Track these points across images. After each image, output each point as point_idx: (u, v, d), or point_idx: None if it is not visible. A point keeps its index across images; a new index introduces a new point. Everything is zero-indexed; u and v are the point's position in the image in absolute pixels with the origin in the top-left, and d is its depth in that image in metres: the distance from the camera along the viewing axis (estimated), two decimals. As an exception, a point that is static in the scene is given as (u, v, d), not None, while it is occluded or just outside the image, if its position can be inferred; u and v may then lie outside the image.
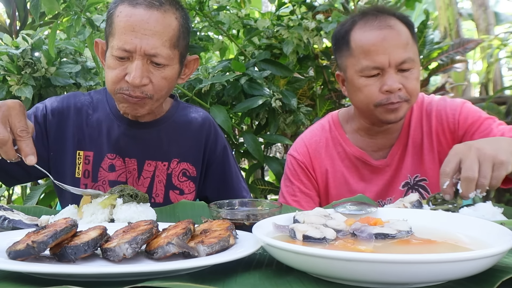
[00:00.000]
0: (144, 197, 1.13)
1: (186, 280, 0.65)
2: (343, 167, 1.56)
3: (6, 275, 0.70)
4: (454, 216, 0.88)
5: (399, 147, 1.53)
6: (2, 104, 1.09)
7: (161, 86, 1.33)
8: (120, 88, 1.31)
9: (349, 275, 0.61)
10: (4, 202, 3.14)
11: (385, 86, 1.37)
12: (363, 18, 1.45)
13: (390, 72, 1.37)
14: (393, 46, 1.37)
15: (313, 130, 1.65)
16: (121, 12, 1.29)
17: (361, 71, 1.40)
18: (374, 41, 1.38)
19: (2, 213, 1.00)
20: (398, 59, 1.37)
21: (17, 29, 3.06)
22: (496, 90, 4.80)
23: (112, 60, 1.30)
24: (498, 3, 7.85)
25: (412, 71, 1.40)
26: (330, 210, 0.95)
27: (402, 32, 1.40)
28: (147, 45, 1.26)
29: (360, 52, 1.40)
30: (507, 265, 0.68)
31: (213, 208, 1.04)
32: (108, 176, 1.44)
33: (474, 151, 1.05)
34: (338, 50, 1.50)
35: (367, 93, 1.41)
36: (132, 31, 1.26)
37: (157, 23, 1.28)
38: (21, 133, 1.08)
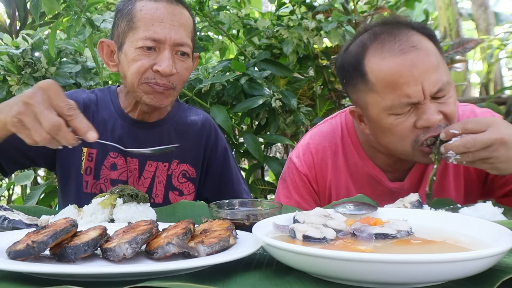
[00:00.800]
0: (144, 197, 1.13)
1: (186, 280, 0.65)
2: (350, 183, 1.36)
3: (6, 275, 0.70)
4: (453, 216, 0.88)
5: (419, 171, 1.32)
6: (36, 89, 0.98)
7: (184, 77, 1.38)
8: (145, 78, 1.33)
9: (349, 275, 0.61)
10: (4, 202, 3.14)
11: (422, 120, 1.13)
12: (376, 40, 1.17)
13: (426, 103, 1.12)
14: (425, 72, 1.10)
15: (322, 133, 1.42)
16: (144, 6, 1.33)
17: (389, 108, 1.14)
18: (401, 71, 1.11)
19: (2, 213, 1.00)
20: (433, 88, 1.11)
21: (17, 29, 3.07)
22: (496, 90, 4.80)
23: (136, 52, 1.32)
24: (498, 3, 7.86)
25: (449, 94, 1.15)
26: (330, 210, 0.95)
27: (430, 51, 1.14)
28: (176, 35, 1.32)
29: (384, 86, 1.13)
30: (507, 265, 0.68)
31: (213, 208, 1.04)
32: (110, 175, 1.45)
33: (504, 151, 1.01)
34: (351, 83, 1.23)
35: (400, 134, 1.16)
36: (161, 22, 1.31)
37: (181, 15, 1.36)
38: (69, 112, 0.97)
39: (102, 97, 1.51)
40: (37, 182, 3.02)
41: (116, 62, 1.40)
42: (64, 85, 2.25)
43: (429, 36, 1.18)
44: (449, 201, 1.25)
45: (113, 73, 2.36)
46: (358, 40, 1.23)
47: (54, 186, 2.51)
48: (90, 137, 0.97)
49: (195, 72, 2.24)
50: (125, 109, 1.48)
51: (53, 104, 0.97)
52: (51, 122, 0.95)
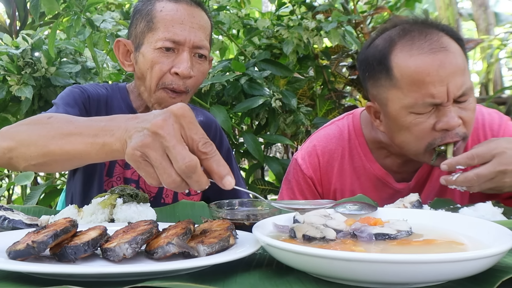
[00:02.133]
0: (144, 197, 1.13)
1: (186, 280, 0.65)
2: (356, 186, 1.35)
3: (6, 275, 0.70)
4: (453, 216, 0.88)
5: (425, 171, 1.32)
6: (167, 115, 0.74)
7: (199, 80, 1.38)
8: (163, 83, 1.32)
9: (349, 275, 0.61)
10: (4, 202, 3.14)
11: (441, 123, 1.12)
12: (405, 36, 1.16)
13: (448, 106, 1.11)
14: (451, 74, 1.10)
15: (329, 135, 1.40)
16: (164, 7, 1.33)
17: (411, 107, 1.13)
18: (429, 70, 1.10)
19: (2, 213, 1.00)
20: (457, 92, 1.11)
21: (17, 29, 3.07)
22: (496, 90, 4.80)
23: (155, 54, 1.31)
24: (498, 3, 7.86)
25: (470, 100, 1.15)
26: (330, 210, 0.95)
27: (459, 54, 1.13)
28: (195, 37, 1.32)
29: (410, 83, 1.12)
30: (507, 265, 0.68)
31: (213, 208, 1.04)
32: (124, 173, 1.44)
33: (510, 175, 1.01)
34: (373, 77, 1.22)
35: (418, 133, 1.15)
36: (181, 24, 1.31)
37: (201, 18, 1.36)
38: (204, 149, 0.75)
39: (112, 94, 1.49)
40: (37, 182, 3.02)
41: (132, 62, 1.40)
42: (64, 85, 2.25)
43: (457, 40, 1.17)
44: (449, 201, 1.25)
45: (113, 73, 2.36)
46: (386, 35, 1.21)
47: (54, 186, 2.51)
48: (228, 184, 0.76)
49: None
50: (137, 109, 1.46)
51: (185, 136, 0.74)
52: (185, 162, 0.71)
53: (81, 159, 0.86)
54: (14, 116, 2.28)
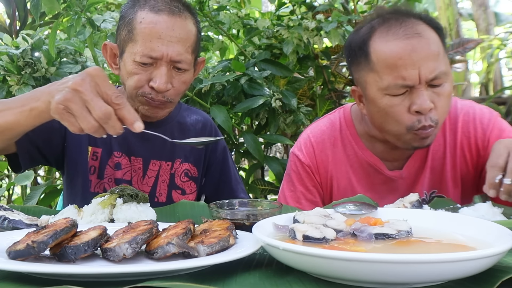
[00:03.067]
0: (144, 197, 1.13)
1: (186, 280, 0.65)
2: (351, 173, 1.41)
3: (6, 275, 0.70)
4: (454, 216, 0.88)
5: (417, 160, 1.37)
6: (85, 76, 0.95)
7: (180, 90, 1.37)
8: (142, 92, 1.33)
9: (349, 275, 0.61)
10: (4, 202, 3.14)
11: (415, 105, 1.18)
12: (384, 24, 1.23)
13: (420, 88, 1.17)
14: (423, 58, 1.16)
15: (321, 126, 1.48)
16: (144, 19, 1.30)
17: (386, 88, 1.20)
18: (401, 54, 1.17)
19: (2, 213, 1.00)
20: (429, 74, 1.17)
21: (17, 29, 3.07)
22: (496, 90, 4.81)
23: (133, 66, 1.31)
24: (498, 3, 7.86)
25: (444, 85, 1.20)
26: (330, 210, 0.95)
27: (433, 40, 1.19)
28: (173, 52, 1.28)
29: (384, 66, 1.20)
30: (507, 265, 0.68)
31: (213, 208, 1.04)
32: (115, 174, 1.45)
33: None
34: (355, 62, 1.30)
35: (394, 115, 1.22)
36: (159, 38, 1.28)
37: (181, 29, 1.31)
38: (117, 100, 0.94)
39: None
40: (37, 182, 3.02)
41: (118, 66, 1.41)
42: (64, 85, 2.25)
43: (435, 28, 1.23)
44: (449, 201, 1.25)
45: (113, 73, 2.35)
46: (368, 23, 1.29)
47: (54, 186, 2.51)
48: (137, 127, 0.96)
49: (195, 72, 2.24)
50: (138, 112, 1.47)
51: (101, 92, 0.94)
52: (102, 110, 0.92)
53: (12, 129, 1.06)
54: (14, 116, 2.28)
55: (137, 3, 1.34)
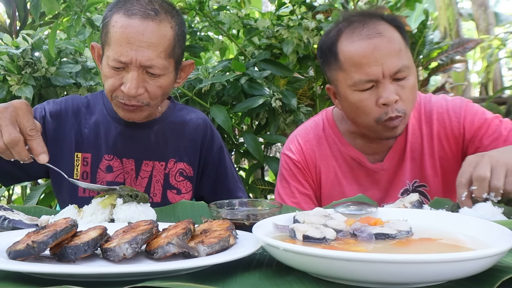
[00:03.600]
0: (144, 197, 1.13)
1: (186, 280, 0.65)
2: (337, 168, 1.50)
3: (6, 275, 0.70)
4: (454, 216, 0.88)
5: (396, 152, 1.46)
6: (9, 105, 1.10)
7: (156, 94, 1.34)
8: (116, 96, 1.33)
9: (349, 275, 0.61)
10: (4, 202, 3.14)
11: (381, 99, 1.28)
12: (349, 26, 1.34)
13: (385, 83, 1.28)
14: (385, 55, 1.27)
15: (306, 127, 1.58)
16: (117, 22, 1.28)
17: (354, 85, 1.31)
18: (364, 52, 1.28)
19: (2, 213, 1.00)
20: (392, 69, 1.27)
21: (17, 29, 3.07)
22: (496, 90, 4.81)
23: (108, 69, 1.31)
24: (498, 3, 7.86)
25: (408, 78, 1.31)
26: (330, 210, 0.95)
27: (394, 38, 1.31)
28: (142, 57, 1.26)
29: (351, 65, 1.31)
30: (507, 265, 0.68)
31: (213, 208, 1.04)
32: (106, 177, 1.45)
33: (486, 158, 1.04)
34: (326, 63, 1.41)
35: (364, 109, 1.32)
36: (128, 43, 1.26)
37: (153, 34, 1.28)
38: (30, 132, 1.08)
39: (95, 101, 1.52)
40: (37, 182, 3.02)
41: None
42: (64, 85, 2.25)
43: (397, 27, 1.34)
44: (448, 201, 1.25)
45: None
46: (335, 25, 1.41)
47: (54, 186, 2.51)
48: (42, 159, 1.09)
49: (195, 72, 2.24)
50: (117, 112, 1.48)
51: (18, 122, 1.09)
52: (11, 136, 1.06)
53: None
54: (14, 116, 2.28)
55: (116, 6, 1.33)
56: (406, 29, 1.39)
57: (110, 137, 1.47)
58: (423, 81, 2.73)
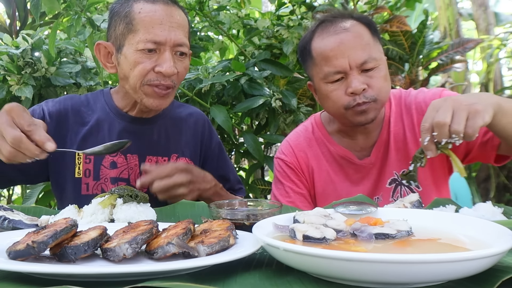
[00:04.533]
0: (144, 197, 1.14)
1: (186, 280, 0.65)
2: (328, 167, 1.56)
3: (6, 275, 0.70)
4: (454, 216, 0.88)
5: (381, 145, 1.52)
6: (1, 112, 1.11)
7: (183, 75, 1.43)
8: (148, 80, 1.36)
9: (349, 275, 0.61)
10: (4, 202, 3.14)
11: (349, 88, 1.36)
12: (321, 26, 1.45)
13: (353, 74, 1.37)
14: (351, 48, 1.36)
15: (296, 132, 1.65)
16: (142, 9, 1.35)
17: (324, 77, 1.40)
18: (331, 47, 1.38)
19: (2, 213, 1.00)
20: (358, 60, 1.36)
21: (17, 29, 3.07)
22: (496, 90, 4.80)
23: (137, 55, 1.34)
24: (498, 3, 7.85)
25: (377, 69, 1.38)
26: (330, 210, 0.95)
27: (360, 33, 1.40)
28: (175, 36, 1.35)
29: (321, 59, 1.41)
30: (507, 265, 0.68)
31: (213, 208, 1.04)
32: (110, 173, 1.46)
33: (449, 101, 1.06)
34: (304, 61, 1.51)
35: (334, 98, 1.41)
36: (161, 24, 1.34)
37: (179, 16, 1.39)
38: (28, 127, 1.09)
39: (95, 100, 1.53)
40: (37, 182, 3.01)
41: (114, 64, 1.42)
42: (64, 85, 2.25)
43: (365, 23, 1.43)
44: (448, 201, 1.25)
45: (113, 73, 2.35)
46: (310, 27, 1.52)
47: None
48: (48, 147, 1.09)
49: (195, 72, 2.24)
50: (122, 109, 1.50)
51: (16, 123, 1.09)
52: (12, 135, 1.07)
53: None
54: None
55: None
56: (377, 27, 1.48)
57: (114, 133, 1.48)
58: (423, 81, 2.73)
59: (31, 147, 1.08)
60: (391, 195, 1.50)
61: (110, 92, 1.54)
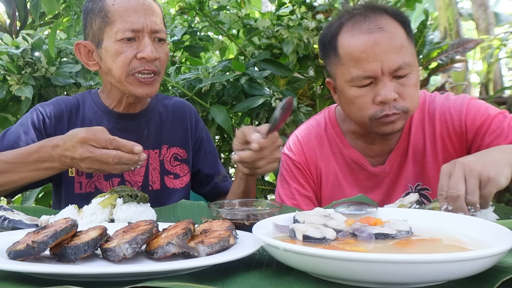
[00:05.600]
0: (144, 197, 1.14)
1: (186, 280, 0.65)
2: (337, 169, 1.46)
3: (6, 275, 0.70)
4: (454, 216, 0.88)
5: (398, 154, 1.41)
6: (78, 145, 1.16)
7: (165, 61, 1.44)
8: (132, 68, 1.37)
9: (349, 275, 0.61)
10: (4, 202, 3.14)
11: (379, 96, 1.24)
12: (350, 19, 1.30)
13: (384, 80, 1.24)
14: (385, 51, 1.23)
15: (308, 127, 1.54)
16: (115, 1, 1.38)
17: (351, 80, 1.28)
18: (363, 47, 1.24)
19: (2, 213, 1.00)
20: (392, 66, 1.23)
21: (17, 29, 3.07)
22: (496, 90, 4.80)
23: (117, 45, 1.36)
24: (498, 3, 7.85)
25: (409, 76, 1.26)
26: (330, 210, 0.95)
27: (396, 34, 1.26)
28: (151, 21, 1.37)
29: (349, 59, 1.27)
30: (507, 265, 0.68)
31: (213, 208, 1.04)
32: None
33: (459, 167, 0.97)
34: (326, 56, 1.38)
35: (360, 105, 1.29)
36: (135, 12, 1.36)
37: (151, 4, 1.42)
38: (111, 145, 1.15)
39: (84, 100, 1.54)
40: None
41: (97, 61, 1.44)
42: (64, 85, 2.25)
43: (400, 21, 1.29)
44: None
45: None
46: (337, 18, 1.37)
47: (54, 186, 2.51)
48: (136, 149, 1.15)
49: (195, 72, 2.24)
50: (109, 106, 1.51)
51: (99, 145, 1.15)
52: (111, 156, 1.14)
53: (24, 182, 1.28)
54: (14, 116, 2.28)
55: None
56: None
57: None
58: (423, 81, 2.73)
59: (127, 157, 1.14)
60: None
61: (97, 92, 1.56)
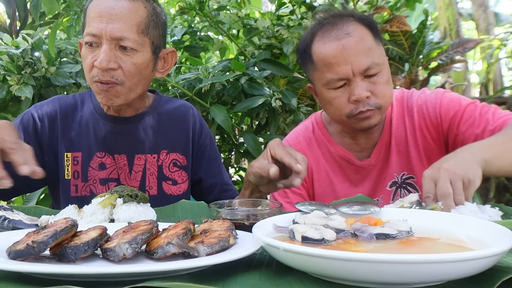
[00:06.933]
0: (144, 197, 1.13)
1: (186, 280, 0.65)
2: (327, 167, 1.55)
3: (6, 275, 0.70)
4: (454, 216, 0.88)
5: (382, 146, 1.51)
6: None
7: (131, 72, 1.34)
8: (93, 76, 1.34)
9: (349, 275, 0.61)
10: (4, 202, 3.13)
11: (353, 96, 1.35)
12: (321, 29, 1.41)
13: (356, 80, 1.34)
14: (354, 54, 1.33)
15: (296, 131, 1.64)
16: (92, 3, 1.36)
17: (327, 84, 1.38)
18: (333, 53, 1.35)
19: (2, 213, 1.00)
20: (361, 67, 1.33)
21: (17, 29, 3.07)
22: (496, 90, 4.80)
23: (84, 49, 1.35)
24: (498, 3, 7.85)
25: (380, 74, 1.36)
26: (332, 210, 0.95)
27: (362, 37, 1.37)
28: (112, 28, 1.30)
29: (323, 65, 1.38)
30: (507, 265, 0.68)
31: (213, 208, 1.04)
32: (99, 175, 1.45)
33: (444, 173, 1.04)
34: (304, 64, 1.49)
35: (337, 105, 1.39)
36: (99, 17, 1.31)
37: (123, 9, 1.33)
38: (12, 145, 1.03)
39: (83, 100, 1.52)
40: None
41: None
42: (64, 85, 2.25)
43: (367, 25, 1.40)
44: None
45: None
46: (310, 29, 1.48)
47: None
48: (21, 170, 1.01)
49: (195, 72, 2.24)
50: (103, 108, 1.49)
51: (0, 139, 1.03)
52: None
53: None
54: (14, 116, 2.28)
55: None
56: (378, 27, 1.45)
57: (100, 135, 1.47)
58: (423, 81, 2.73)
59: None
60: (392, 197, 1.49)
61: None
